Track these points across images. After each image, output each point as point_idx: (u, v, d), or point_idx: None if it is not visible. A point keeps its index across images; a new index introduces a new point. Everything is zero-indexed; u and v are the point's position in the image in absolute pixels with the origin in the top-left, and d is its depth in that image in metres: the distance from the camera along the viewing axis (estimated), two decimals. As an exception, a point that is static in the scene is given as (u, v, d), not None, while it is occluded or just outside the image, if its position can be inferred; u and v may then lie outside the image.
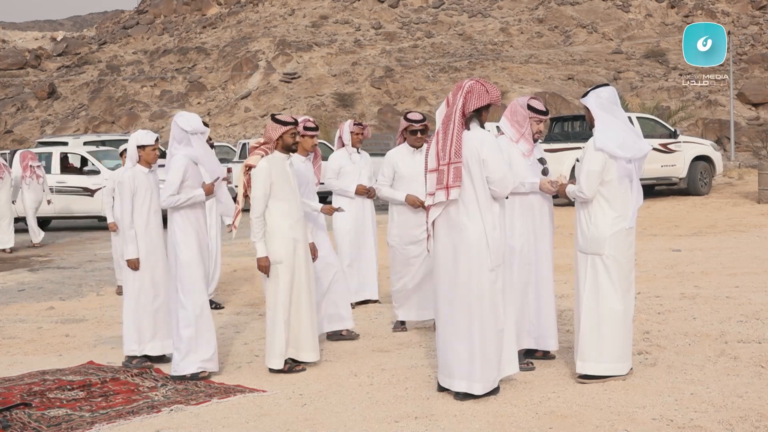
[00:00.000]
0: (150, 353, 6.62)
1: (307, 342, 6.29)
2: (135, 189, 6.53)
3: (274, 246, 6.15)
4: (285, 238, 6.16)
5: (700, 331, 6.83)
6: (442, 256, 5.43)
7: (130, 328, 6.58)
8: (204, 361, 6.17)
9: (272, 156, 6.20)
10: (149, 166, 6.65)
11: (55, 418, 5.25)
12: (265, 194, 6.11)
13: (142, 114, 51.73)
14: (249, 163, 6.17)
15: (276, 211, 6.16)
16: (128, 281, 6.63)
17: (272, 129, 6.21)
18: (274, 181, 6.13)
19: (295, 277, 6.22)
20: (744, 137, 37.40)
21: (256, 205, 6.14)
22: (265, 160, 6.15)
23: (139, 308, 6.57)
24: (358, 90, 48.77)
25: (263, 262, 6.14)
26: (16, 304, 9.93)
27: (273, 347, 6.19)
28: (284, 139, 6.21)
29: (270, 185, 6.12)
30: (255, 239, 6.15)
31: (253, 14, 62.06)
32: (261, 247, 6.14)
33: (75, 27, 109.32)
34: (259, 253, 6.14)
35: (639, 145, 5.58)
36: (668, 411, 4.93)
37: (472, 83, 5.34)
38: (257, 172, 6.11)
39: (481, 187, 5.29)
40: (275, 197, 6.15)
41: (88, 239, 16.99)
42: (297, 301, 6.24)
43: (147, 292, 6.59)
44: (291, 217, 6.21)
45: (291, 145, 6.27)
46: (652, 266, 10.38)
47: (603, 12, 55.65)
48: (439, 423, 4.92)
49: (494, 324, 5.33)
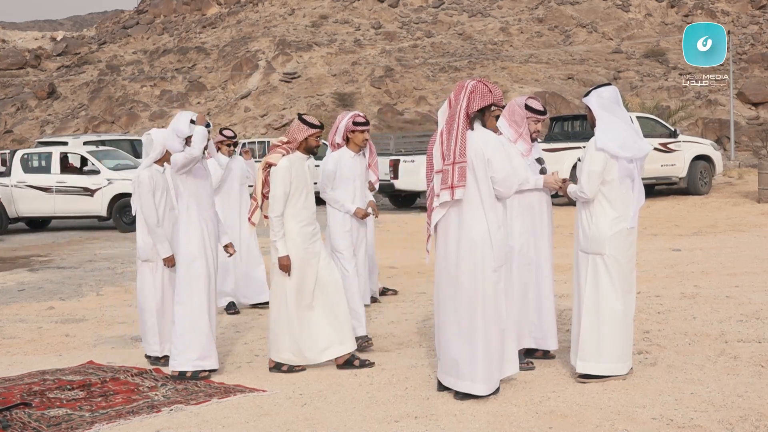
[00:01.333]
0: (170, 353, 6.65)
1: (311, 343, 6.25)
2: (155, 188, 6.60)
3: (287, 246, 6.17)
4: (294, 239, 6.15)
5: (700, 331, 6.83)
6: (444, 256, 5.42)
7: (153, 329, 6.64)
8: (200, 360, 6.16)
9: (293, 156, 6.19)
10: (163, 165, 6.73)
11: (55, 418, 5.25)
12: (285, 193, 6.10)
13: (142, 114, 51.72)
14: (270, 161, 6.15)
15: (288, 213, 6.15)
16: (146, 282, 6.67)
17: (298, 130, 6.19)
18: (293, 183, 6.13)
19: (304, 277, 6.20)
20: (744, 137, 37.41)
21: (276, 204, 6.12)
22: (286, 159, 6.14)
23: (160, 309, 6.63)
24: (358, 90, 48.75)
25: (284, 261, 6.12)
26: (16, 304, 9.93)
27: (278, 342, 6.18)
28: (308, 141, 6.21)
29: (290, 184, 6.11)
30: (275, 238, 6.14)
31: (253, 14, 62.06)
32: (282, 246, 6.13)
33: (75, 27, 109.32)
34: (280, 252, 6.13)
35: (640, 144, 5.58)
36: (668, 411, 4.93)
37: (474, 83, 5.33)
38: (278, 171, 6.10)
39: (485, 187, 5.29)
40: (290, 197, 6.14)
41: (88, 239, 16.98)
42: (307, 301, 6.22)
43: (167, 292, 6.64)
44: (302, 218, 6.19)
45: (314, 148, 6.26)
46: (652, 266, 10.38)
47: (603, 11, 55.65)
48: (439, 423, 4.92)
49: (497, 324, 5.33)
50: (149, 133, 6.80)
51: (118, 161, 18.92)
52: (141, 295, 6.71)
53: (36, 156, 19.11)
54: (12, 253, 15.06)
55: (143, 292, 6.68)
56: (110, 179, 17.81)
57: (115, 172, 17.99)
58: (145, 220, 6.56)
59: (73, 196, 17.94)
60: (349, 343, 6.27)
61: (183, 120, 6.36)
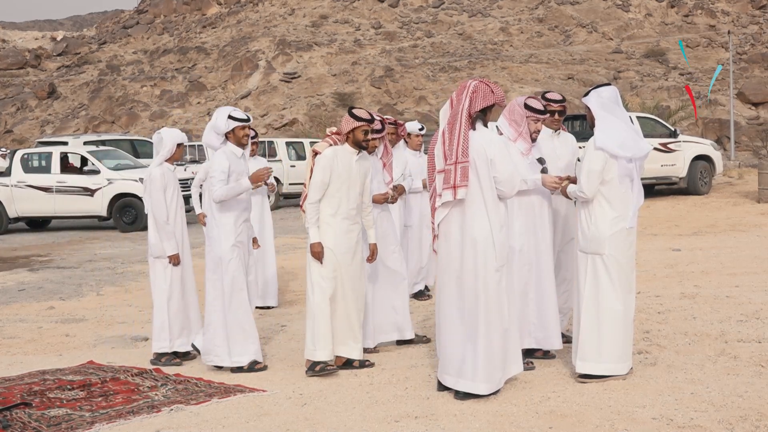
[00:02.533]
0: (179, 349, 6.74)
1: (345, 336, 6.18)
2: (166, 185, 6.65)
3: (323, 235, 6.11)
4: (326, 230, 6.09)
5: (700, 331, 6.82)
6: (447, 256, 5.42)
7: (164, 324, 6.66)
8: (255, 354, 6.39)
9: (340, 147, 6.15)
10: (173, 164, 6.82)
11: (55, 418, 5.25)
12: (324, 182, 6.05)
13: (142, 114, 51.70)
14: (316, 149, 6.15)
15: (325, 203, 6.10)
16: (158, 278, 6.71)
17: (346, 122, 6.16)
18: (334, 173, 6.06)
19: (340, 270, 6.12)
20: (744, 137, 37.41)
21: (313, 191, 6.07)
22: (332, 149, 6.11)
23: (172, 305, 6.67)
24: (358, 90, 48.74)
25: (316, 248, 6.07)
26: (16, 304, 9.93)
27: (316, 339, 6.08)
28: (355, 134, 6.13)
29: (330, 174, 6.06)
30: (309, 224, 6.11)
31: (253, 14, 62.04)
32: (314, 233, 6.07)
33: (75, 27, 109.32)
34: (312, 239, 6.08)
35: (639, 144, 5.58)
36: (668, 411, 4.93)
37: (477, 83, 5.34)
38: (321, 159, 6.07)
39: (488, 186, 5.30)
40: (329, 188, 6.08)
41: (88, 239, 16.98)
42: (342, 294, 6.15)
43: (177, 289, 6.69)
44: (341, 211, 6.12)
45: (361, 141, 6.17)
46: (652, 266, 10.37)
47: (603, 11, 55.64)
48: (439, 423, 4.92)
49: (499, 323, 5.33)
50: (159, 132, 6.87)
51: (118, 161, 18.93)
52: (154, 292, 6.76)
53: (36, 156, 19.11)
54: (12, 253, 15.06)
55: (155, 288, 6.73)
56: (110, 179, 17.82)
57: (115, 172, 18.00)
58: (155, 216, 6.63)
59: (73, 196, 17.94)
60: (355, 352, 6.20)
61: (222, 117, 6.43)
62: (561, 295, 6.43)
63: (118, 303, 9.72)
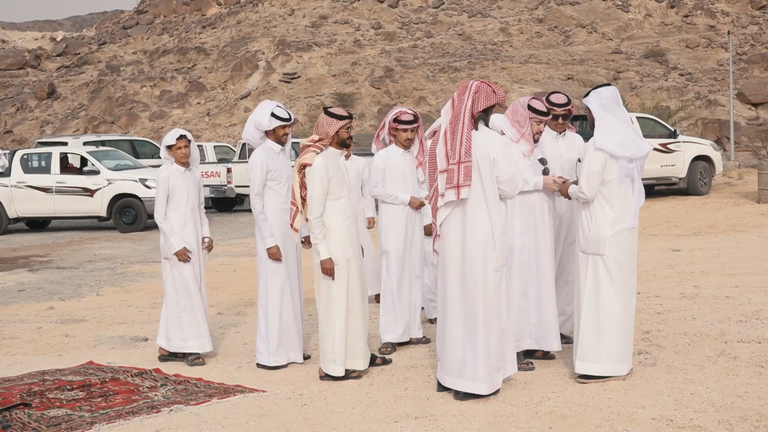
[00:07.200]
0: (191, 350, 6.70)
1: (359, 348, 5.98)
2: (169, 188, 6.64)
3: (333, 246, 5.87)
4: (342, 237, 5.92)
5: (700, 331, 6.83)
6: (448, 256, 5.42)
7: (175, 323, 6.67)
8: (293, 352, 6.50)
9: (327, 152, 5.94)
10: (183, 165, 6.72)
11: (55, 418, 5.25)
12: (324, 193, 5.83)
13: (141, 114, 51.71)
14: (304, 162, 5.86)
15: (332, 209, 5.90)
16: (168, 279, 6.72)
17: (328, 124, 5.92)
18: (331, 179, 5.87)
19: (351, 279, 5.93)
20: (744, 137, 37.41)
21: (315, 205, 5.85)
22: (321, 157, 5.85)
23: (179, 305, 6.67)
24: (357, 90, 48.74)
25: (327, 264, 5.83)
26: (16, 304, 9.93)
27: (333, 353, 5.89)
28: (340, 134, 5.96)
29: (328, 183, 5.86)
30: (316, 240, 5.86)
31: (252, 14, 62.04)
32: (324, 249, 5.85)
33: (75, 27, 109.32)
34: (322, 255, 5.85)
35: (639, 144, 5.58)
36: (668, 411, 4.93)
37: (478, 83, 5.34)
38: (314, 170, 5.82)
39: (490, 186, 5.30)
40: (331, 195, 5.89)
41: (88, 239, 16.99)
42: (353, 304, 5.96)
43: (183, 290, 6.68)
44: (347, 215, 5.96)
45: (346, 140, 5.99)
46: (652, 266, 10.38)
47: (603, 12, 55.63)
48: (439, 423, 4.92)
49: (498, 324, 5.33)
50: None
51: (118, 161, 18.93)
52: (165, 291, 6.78)
53: (36, 156, 19.10)
54: (12, 253, 15.06)
55: (166, 287, 6.75)
56: (110, 179, 17.82)
57: (115, 173, 18.00)
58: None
59: (73, 196, 17.94)
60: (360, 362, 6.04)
61: (264, 113, 6.38)
62: (564, 297, 6.42)
63: (118, 303, 9.72)
